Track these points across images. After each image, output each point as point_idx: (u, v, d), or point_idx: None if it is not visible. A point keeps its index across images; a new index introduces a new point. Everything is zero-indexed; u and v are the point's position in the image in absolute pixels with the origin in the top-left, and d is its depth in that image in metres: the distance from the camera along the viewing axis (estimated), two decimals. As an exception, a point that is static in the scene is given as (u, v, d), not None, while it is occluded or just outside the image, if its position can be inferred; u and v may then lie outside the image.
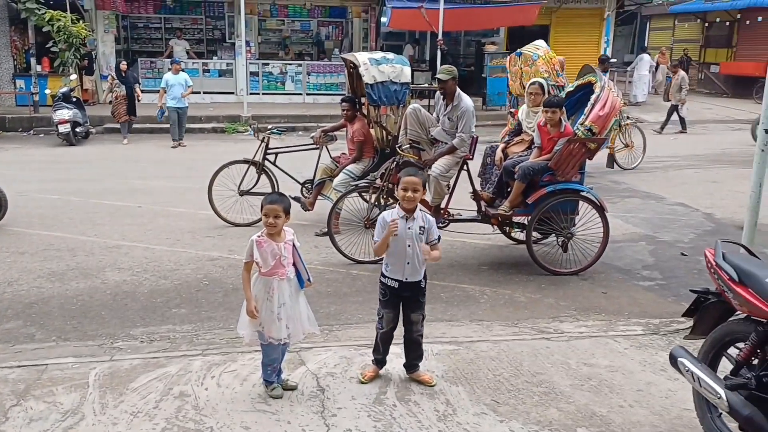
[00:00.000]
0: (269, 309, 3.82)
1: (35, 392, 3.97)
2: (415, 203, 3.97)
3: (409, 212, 3.98)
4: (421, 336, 4.15)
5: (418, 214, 4.01)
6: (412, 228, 3.97)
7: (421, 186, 3.99)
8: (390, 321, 4.10)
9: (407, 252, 3.96)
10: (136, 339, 4.90)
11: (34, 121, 16.10)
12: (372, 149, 7.66)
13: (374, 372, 4.18)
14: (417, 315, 4.10)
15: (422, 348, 4.19)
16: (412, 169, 4.21)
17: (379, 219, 4.09)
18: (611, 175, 10.93)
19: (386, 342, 4.17)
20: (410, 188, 3.93)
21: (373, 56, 7.53)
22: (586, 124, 5.97)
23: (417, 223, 3.99)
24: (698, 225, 8.20)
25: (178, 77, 13.88)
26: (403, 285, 4.02)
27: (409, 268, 3.98)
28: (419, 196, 3.97)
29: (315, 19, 21.50)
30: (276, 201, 3.81)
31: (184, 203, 8.93)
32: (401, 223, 3.96)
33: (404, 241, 3.95)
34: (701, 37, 25.87)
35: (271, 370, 3.95)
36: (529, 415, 3.80)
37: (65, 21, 15.61)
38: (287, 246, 3.85)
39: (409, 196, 3.93)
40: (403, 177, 4.02)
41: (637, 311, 5.58)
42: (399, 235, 3.93)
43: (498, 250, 7.21)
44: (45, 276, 6.20)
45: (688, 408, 3.77)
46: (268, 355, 3.92)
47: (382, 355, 4.20)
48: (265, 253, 3.80)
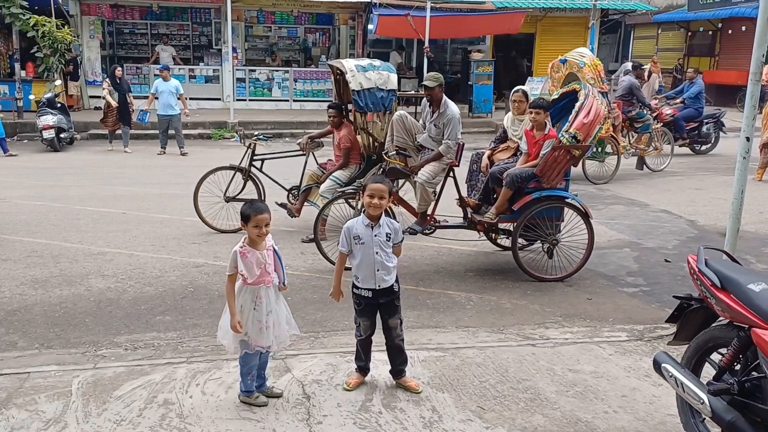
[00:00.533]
0: (256, 318, 3.79)
1: (17, 401, 3.92)
2: (380, 211, 3.96)
3: (374, 220, 3.97)
4: (402, 341, 4.14)
5: (384, 221, 4.01)
6: (379, 235, 3.97)
7: (387, 194, 3.96)
8: (367, 329, 4.11)
9: (375, 260, 3.95)
10: (120, 346, 4.86)
11: (18, 126, 15.97)
12: (359, 156, 7.67)
13: (359, 379, 4.17)
14: (394, 320, 4.09)
15: (405, 353, 4.18)
16: (379, 177, 4.26)
17: (344, 229, 4.06)
18: (596, 182, 11.01)
19: (366, 349, 4.18)
20: (376, 195, 3.91)
21: (360, 63, 7.53)
22: (570, 132, 6.01)
23: (383, 230, 3.99)
24: (682, 232, 8.28)
25: (169, 84, 13.63)
26: (376, 293, 4.01)
27: (379, 275, 3.98)
28: (385, 204, 3.96)
29: (302, 25, 21.53)
30: (265, 210, 3.78)
31: (169, 210, 8.88)
32: (367, 231, 3.95)
33: (372, 249, 3.95)
34: (684, 46, 26.18)
35: (250, 379, 3.91)
36: (514, 421, 3.80)
37: (50, 26, 15.55)
38: (269, 252, 3.84)
39: (375, 203, 3.91)
40: (370, 184, 4.01)
41: (622, 317, 5.62)
42: (365, 243, 3.94)
43: (484, 256, 7.23)
44: (28, 283, 6.13)
45: (672, 413, 3.80)
46: (247, 363, 3.88)
47: (365, 362, 4.20)
48: (249, 263, 3.76)
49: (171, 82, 13.68)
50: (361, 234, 3.98)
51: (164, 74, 13.84)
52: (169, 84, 13.66)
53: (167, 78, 13.77)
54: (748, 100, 4.94)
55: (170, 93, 13.57)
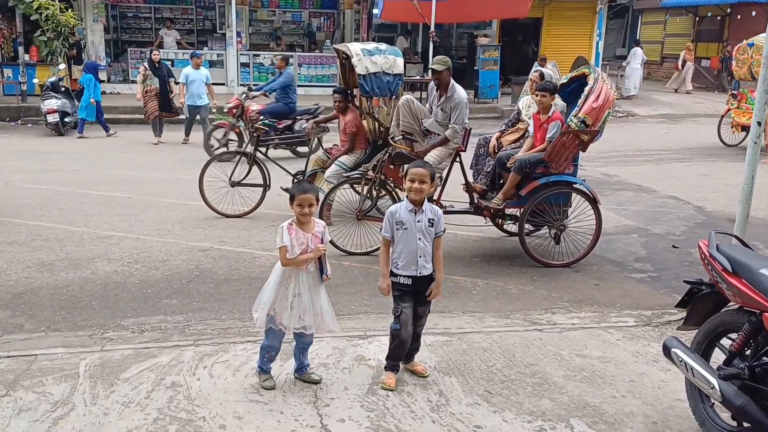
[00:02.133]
0: (284, 295, 3.79)
1: (24, 382, 3.93)
2: (423, 195, 3.88)
3: (417, 205, 3.90)
4: (422, 328, 4.12)
5: (427, 206, 3.94)
6: (422, 221, 3.89)
7: (429, 178, 3.87)
8: (407, 319, 3.92)
9: (417, 246, 3.88)
10: (127, 329, 4.86)
11: (22, 110, 15.92)
12: (364, 141, 7.62)
13: (395, 379, 4.00)
14: (424, 309, 4.04)
15: (420, 340, 4.16)
16: (420, 162, 4.15)
17: (387, 214, 3.99)
18: (603, 168, 10.96)
19: (405, 347, 4.00)
20: (417, 179, 3.84)
21: (366, 47, 7.47)
22: (579, 116, 5.96)
23: (426, 215, 3.91)
24: (689, 218, 8.23)
25: (199, 73, 12.51)
26: (416, 280, 3.92)
27: (421, 262, 3.89)
28: (427, 188, 3.87)
29: (306, 10, 21.37)
30: (309, 190, 3.77)
31: (174, 194, 8.87)
32: (410, 216, 3.88)
33: (414, 235, 3.87)
34: (692, 32, 25.94)
35: (267, 357, 3.93)
36: (522, 405, 3.80)
37: (53, 9, 15.41)
38: (314, 237, 3.80)
39: (416, 187, 3.84)
40: (411, 168, 3.94)
41: (629, 303, 5.59)
42: (408, 228, 3.87)
43: (490, 242, 7.20)
44: (34, 266, 6.13)
45: (681, 398, 3.79)
46: (269, 340, 3.88)
47: (398, 361, 4.05)
48: (293, 240, 3.75)
49: (201, 71, 12.57)
50: (404, 219, 3.89)
51: (196, 61, 12.63)
52: (200, 72, 12.53)
53: (198, 66, 12.63)
54: (761, 85, 4.87)
55: (200, 82, 12.46)
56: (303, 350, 3.97)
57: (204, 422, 3.54)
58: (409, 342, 4.02)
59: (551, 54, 18.44)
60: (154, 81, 12.92)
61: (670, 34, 27.36)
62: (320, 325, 3.88)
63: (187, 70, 12.57)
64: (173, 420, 3.55)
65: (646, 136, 14.89)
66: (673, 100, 20.71)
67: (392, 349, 4.01)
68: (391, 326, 3.98)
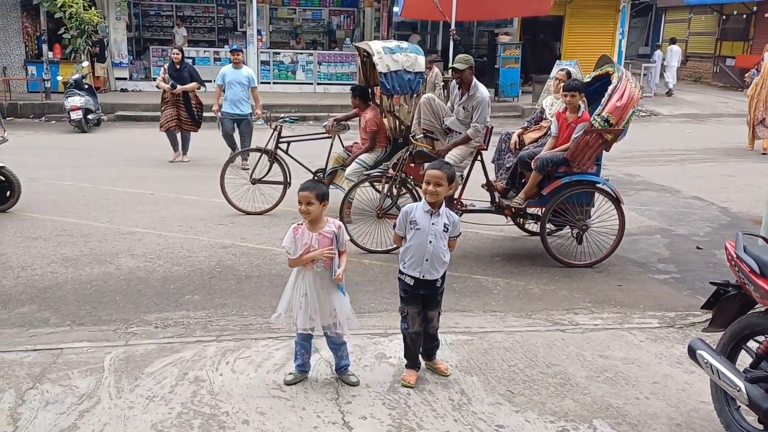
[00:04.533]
0: (295, 296, 3.80)
1: (51, 376, 3.98)
2: (439, 198, 3.80)
3: (435, 207, 3.83)
4: (436, 330, 4.09)
5: (444, 211, 3.87)
6: (437, 224, 3.82)
7: (446, 180, 3.78)
8: (415, 318, 3.91)
9: (426, 248, 3.82)
10: (151, 324, 4.91)
11: (45, 107, 16.16)
12: (385, 139, 7.63)
13: (415, 376, 4.00)
14: (433, 312, 3.99)
15: (438, 339, 4.15)
16: (438, 162, 4.05)
17: (402, 211, 3.95)
18: (626, 168, 10.85)
19: (417, 345, 4.01)
20: (433, 182, 3.76)
21: (387, 45, 7.47)
22: (603, 115, 5.90)
23: (442, 219, 3.84)
24: (714, 218, 8.13)
25: (239, 73, 10.08)
26: (418, 282, 3.86)
27: (427, 265, 3.83)
28: (443, 191, 3.79)
29: (326, 8, 21.42)
30: (308, 188, 3.72)
31: (196, 191, 8.93)
32: (425, 217, 3.83)
33: (426, 237, 3.81)
34: (717, 30, 25.58)
35: (298, 353, 3.95)
36: (544, 405, 3.78)
37: (77, 7, 15.62)
38: (322, 238, 3.74)
39: (431, 190, 3.76)
40: (427, 170, 3.86)
41: (653, 304, 5.54)
42: (421, 229, 3.81)
43: (511, 241, 7.17)
44: (59, 261, 6.22)
45: (705, 401, 3.74)
46: (297, 338, 3.91)
47: (414, 358, 4.06)
48: (297, 240, 3.74)
49: (243, 70, 10.19)
50: (418, 219, 3.83)
51: (236, 58, 10.18)
52: (240, 73, 10.10)
53: (239, 64, 10.21)
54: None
55: (241, 85, 10.03)
56: (334, 350, 3.96)
57: (227, 417, 3.57)
58: (419, 341, 4.02)
59: (573, 52, 18.34)
60: (174, 86, 10.69)
61: (694, 32, 27.02)
62: (333, 327, 3.82)
63: (225, 69, 10.28)
64: (197, 414, 3.58)
65: (670, 136, 14.73)
66: (696, 100, 20.46)
67: (405, 348, 4.04)
68: (401, 325, 4.01)
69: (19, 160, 9.44)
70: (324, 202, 3.75)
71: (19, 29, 18.25)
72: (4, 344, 4.48)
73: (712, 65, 25.39)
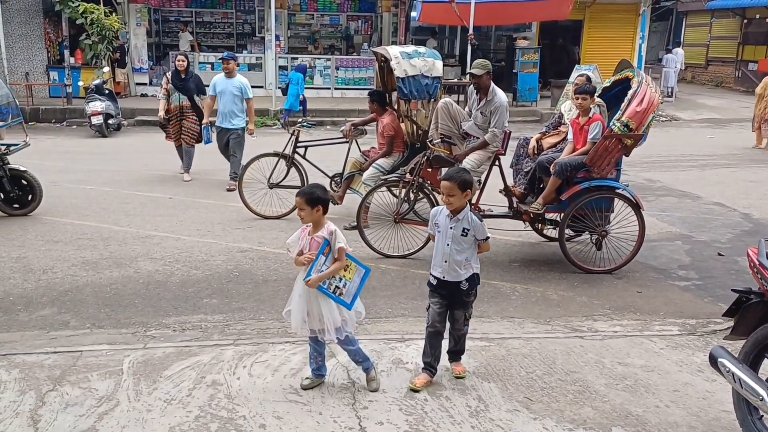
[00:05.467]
0: (293, 296, 3.86)
1: (71, 378, 4.02)
2: (454, 206, 3.90)
3: (454, 213, 3.93)
4: (463, 335, 4.09)
5: (465, 215, 3.93)
6: (455, 228, 3.91)
7: (458, 189, 3.85)
8: (436, 316, 3.97)
9: (444, 250, 3.92)
10: (169, 328, 4.94)
11: (67, 112, 16.39)
12: (402, 144, 7.62)
13: (425, 380, 4.00)
14: (459, 313, 4.02)
15: (462, 345, 4.14)
16: (449, 173, 4.10)
17: (432, 211, 4.14)
18: (646, 173, 10.74)
19: (434, 345, 4.02)
20: (446, 193, 3.90)
21: (405, 50, 7.47)
22: (622, 120, 5.85)
23: (461, 224, 3.91)
24: (735, 225, 8.01)
25: (231, 82, 9.21)
26: (440, 283, 3.97)
27: (446, 266, 3.92)
28: (456, 201, 3.87)
29: (344, 13, 21.51)
30: (299, 193, 3.80)
31: (214, 195, 8.99)
32: (446, 220, 3.92)
33: (444, 240, 3.93)
34: (739, 34, 25.28)
35: (311, 356, 3.97)
36: (563, 413, 3.74)
37: (98, 14, 15.84)
38: (313, 241, 3.77)
39: (445, 200, 3.91)
40: (442, 181, 4.00)
41: (673, 311, 5.47)
42: (441, 232, 3.95)
43: (529, 247, 7.12)
44: (79, 264, 6.28)
45: (727, 410, 3.69)
46: (310, 342, 3.94)
47: (431, 359, 4.04)
48: (300, 240, 3.82)
49: (236, 80, 9.25)
50: (440, 222, 3.99)
51: (227, 66, 9.25)
52: (232, 82, 9.20)
53: (231, 73, 9.28)
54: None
55: (233, 96, 9.17)
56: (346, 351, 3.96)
57: (244, 421, 3.57)
58: (438, 339, 4.03)
59: (592, 57, 18.21)
60: (179, 98, 9.66)
61: (715, 36, 26.72)
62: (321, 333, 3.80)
63: (216, 78, 9.44)
64: (214, 418, 3.60)
65: (690, 141, 14.57)
66: (718, 104, 20.22)
67: (424, 346, 4.07)
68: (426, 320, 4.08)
69: (41, 165, 9.59)
70: (316, 207, 3.73)
71: (41, 35, 18.53)
72: (25, 346, 4.53)
73: (734, 69, 25.08)
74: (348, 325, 3.86)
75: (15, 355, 4.34)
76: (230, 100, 9.18)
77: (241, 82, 9.25)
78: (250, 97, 9.32)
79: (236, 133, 9.30)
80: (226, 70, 9.25)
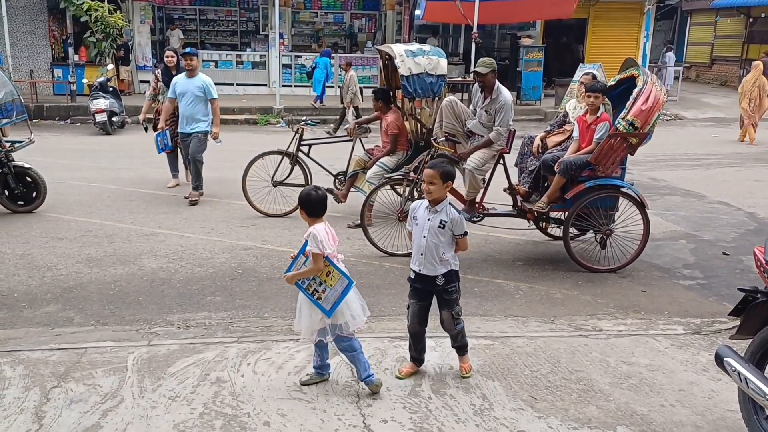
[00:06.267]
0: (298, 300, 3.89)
1: (75, 374, 4.03)
2: (433, 195, 3.86)
3: (433, 204, 3.90)
4: (458, 332, 4.04)
5: (444, 208, 3.89)
6: (432, 220, 3.88)
7: (439, 179, 3.82)
8: (414, 315, 3.98)
9: (421, 243, 3.89)
10: (173, 325, 4.95)
11: (71, 110, 16.40)
12: (406, 142, 7.61)
13: (411, 369, 4.08)
14: (445, 313, 3.99)
15: (462, 340, 4.09)
16: (435, 161, 4.15)
17: (410, 208, 4.10)
18: (650, 172, 10.72)
19: (416, 340, 4.05)
20: (426, 180, 3.87)
21: (409, 48, 7.45)
22: (627, 119, 5.83)
23: (439, 216, 3.88)
24: (740, 224, 7.99)
25: (192, 82, 8.23)
26: (417, 276, 3.95)
27: (422, 258, 3.89)
28: (436, 189, 3.83)
29: (348, 11, 21.49)
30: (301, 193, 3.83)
31: (217, 193, 8.99)
32: (425, 213, 3.90)
33: (421, 231, 3.90)
34: (744, 33, 25.19)
35: (315, 355, 3.97)
36: (567, 411, 3.73)
37: (102, 11, 15.85)
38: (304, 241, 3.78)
39: (425, 188, 3.90)
40: (425, 168, 4.00)
41: (678, 310, 5.45)
42: (418, 224, 3.92)
43: (533, 245, 7.11)
44: (83, 261, 6.29)
45: (732, 409, 3.68)
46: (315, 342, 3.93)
47: (415, 353, 4.09)
48: None
49: (197, 80, 8.26)
50: (418, 215, 3.96)
51: (189, 63, 8.21)
52: (194, 81, 8.23)
53: (193, 71, 8.27)
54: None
55: (195, 98, 8.20)
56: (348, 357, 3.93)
57: (248, 418, 3.58)
58: (418, 338, 4.05)
59: (596, 56, 18.14)
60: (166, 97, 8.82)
61: (720, 35, 26.64)
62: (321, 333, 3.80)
63: (177, 78, 8.49)
64: (218, 415, 3.60)
65: (695, 140, 14.53)
66: (722, 103, 20.16)
67: (408, 342, 4.12)
68: None
69: (45, 162, 9.59)
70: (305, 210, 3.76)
71: (45, 33, 18.57)
72: (29, 343, 4.54)
73: (738, 68, 24.98)
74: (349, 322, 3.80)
75: (19, 351, 4.35)
76: (192, 102, 8.23)
77: (204, 81, 8.26)
78: (214, 97, 8.36)
79: (197, 137, 8.33)
80: (189, 67, 8.23)
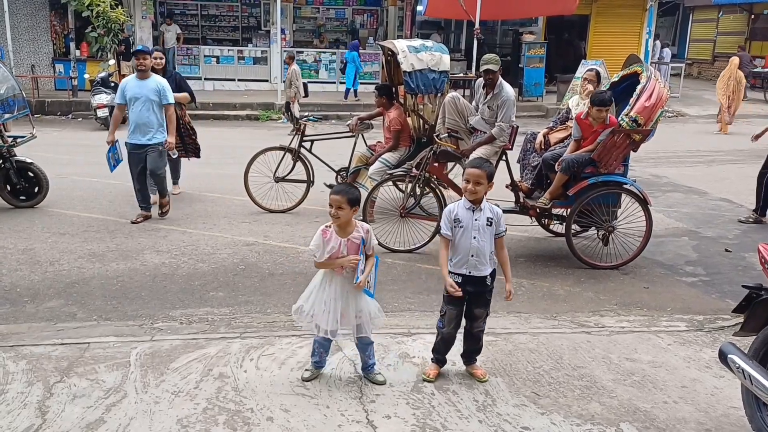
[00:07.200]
0: (321, 298, 3.77)
1: (78, 369, 4.03)
2: (479, 196, 3.81)
3: (475, 204, 3.84)
4: (482, 332, 4.03)
5: (486, 206, 3.86)
6: (479, 220, 3.82)
7: (485, 178, 3.78)
8: (452, 319, 3.93)
9: (471, 245, 3.81)
10: (176, 320, 4.95)
11: (72, 105, 16.39)
12: (408, 138, 7.60)
13: (437, 370, 4.04)
14: (480, 311, 3.96)
15: (482, 343, 4.09)
16: (477, 161, 4.05)
17: (444, 212, 3.94)
18: (652, 169, 10.71)
19: (448, 344, 4.03)
20: (473, 180, 3.77)
21: (412, 44, 7.44)
22: (631, 115, 5.82)
23: (484, 214, 3.83)
24: (742, 221, 7.97)
25: (146, 84, 7.09)
26: (466, 279, 3.86)
27: (473, 260, 3.82)
28: (482, 190, 3.79)
29: (350, 7, 21.45)
30: (339, 191, 3.69)
31: (219, 188, 8.98)
32: (468, 214, 3.82)
33: (470, 233, 3.81)
34: (747, 30, 25.13)
35: (316, 351, 3.95)
36: (570, 408, 3.73)
37: (104, 6, 15.81)
38: (350, 243, 3.71)
39: (471, 188, 3.78)
40: (467, 168, 3.88)
41: (681, 307, 5.45)
42: (464, 227, 3.82)
43: (535, 242, 7.10)
44: (86, 256, 6.29)
45: (735, 406, 3.68)
46: (315, 338, 3.91)
47: (442, 355, 4.07)
48: (324, 244, 3.71)
49: (150, 81, 7.12)
50: (461, 217, 3.84)
51: (141, 63, 7.02)
52: (147, 84, 7.09)
53: (145, 73, 7.11)
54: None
55: (149, 102, 7.07)
56: (361, 350, 3.96)
57: (252, 414, 3.58)
58: (451, 341, 4.01)
59: (598, 52, 18.13)
60: None
61: (722, 32, 26.58)
62: (357, 330, 3.82)
63: (126, 80, 7.39)
64: (222, 410, 3.60)
65: (697, 137, 14.52)
66: (724, 100, 20.08)
67: (436, 344, 4.06)
68: (437, 322, 4.03)
69: (47, 157, 9.58)
70: (355, 207, 3.70)
71: (47, 28, 18.54)
72: (32, 338, 4.54)
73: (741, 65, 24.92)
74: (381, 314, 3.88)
75: (22, 346, 4.35)
76: (146, 108, 7.06)
77: (158, 83, 7.13)
78: (171, 102, 7.21)
79: (155, 149, 7.18)
80: (142, 67, 7.04)
